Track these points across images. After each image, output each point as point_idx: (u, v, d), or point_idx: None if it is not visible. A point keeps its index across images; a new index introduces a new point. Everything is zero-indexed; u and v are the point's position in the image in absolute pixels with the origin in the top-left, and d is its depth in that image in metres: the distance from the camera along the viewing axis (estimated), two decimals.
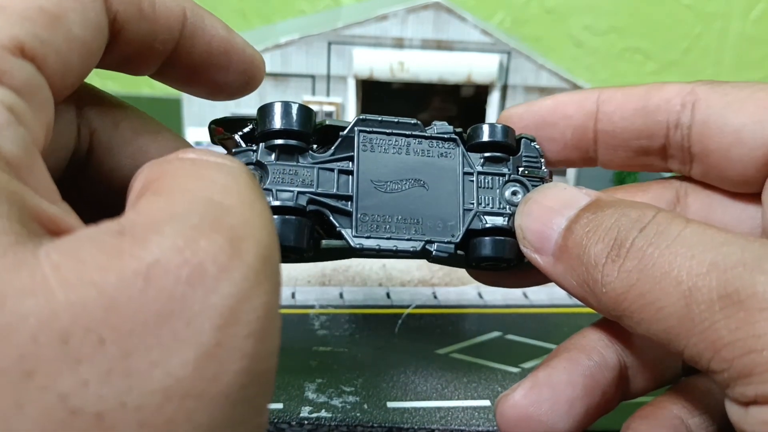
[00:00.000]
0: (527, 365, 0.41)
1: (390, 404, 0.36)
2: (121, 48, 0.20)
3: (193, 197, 0.15)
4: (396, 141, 0.25)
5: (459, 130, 0.26)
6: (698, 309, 0.18)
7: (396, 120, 0.25)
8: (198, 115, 0.25)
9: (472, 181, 0.26)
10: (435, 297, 0.50)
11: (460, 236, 0.25)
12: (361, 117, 0.25)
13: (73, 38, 0.17)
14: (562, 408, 0.24)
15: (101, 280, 0.13)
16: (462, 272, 0.58)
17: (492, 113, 0.68)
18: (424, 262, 0.57)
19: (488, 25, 0.72)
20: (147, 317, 0.13)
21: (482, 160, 0.26)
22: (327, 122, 0.25)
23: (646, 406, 0.25)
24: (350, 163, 0.24)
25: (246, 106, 0.54)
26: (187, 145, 0.25)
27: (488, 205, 0.26)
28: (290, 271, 0.50)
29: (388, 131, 0.25)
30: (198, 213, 0.14)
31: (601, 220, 0.21)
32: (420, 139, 0.25)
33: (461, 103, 0.82)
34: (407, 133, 0.25)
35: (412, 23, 0.65)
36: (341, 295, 0.49)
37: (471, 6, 0.91)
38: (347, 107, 0.67)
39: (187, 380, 0.13)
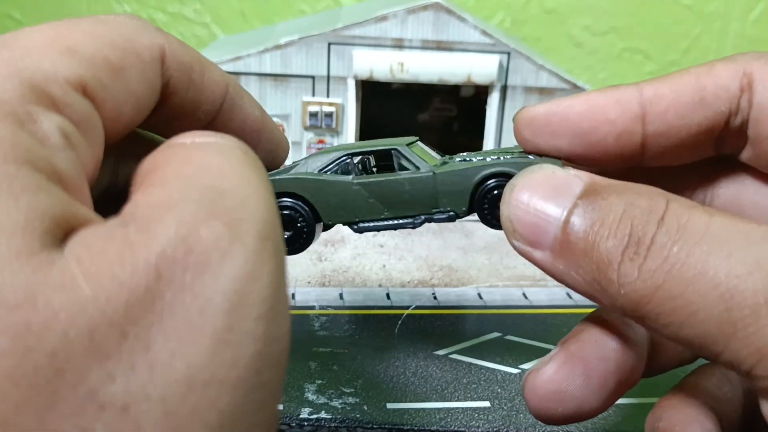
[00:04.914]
0: (527, 366, 0.41)
1: (390, 405, 0.36)
2: (168, 110, 0.22)
3: (189, 184, 0.15)
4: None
5: (460, 212, 0.27)
6: (741, 314, 0.17)
7: (393, 223, 0.27)
8: None
9: None
10: (435, 298, 0.50)
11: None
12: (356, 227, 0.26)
13: (130, 91, 0.19)
14: (596, 383, 0.23)
15: (120, 272, 0.13)
16: (462, 273, 0.58)
17: (492, 114, 0.68)
18: (424, 263, 0.57)
19: (488, 25, 0.72)
20: (163, 308, 0.13)
21: None
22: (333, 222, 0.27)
23: (671, 396, 0.25)
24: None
25: None
26: None
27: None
28: (290, 271, 0.50)
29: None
30: (195, 200, 0.15)
31: (607, 210, 0.20)
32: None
33: (461, 104, 0.82)
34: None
35: (411, 24, 0.65)
36: (341, 296, 0.49)
37: (471, 6, 0.91)
38: (347, 108, 0.67)
39: (206, 368, 0.13)
